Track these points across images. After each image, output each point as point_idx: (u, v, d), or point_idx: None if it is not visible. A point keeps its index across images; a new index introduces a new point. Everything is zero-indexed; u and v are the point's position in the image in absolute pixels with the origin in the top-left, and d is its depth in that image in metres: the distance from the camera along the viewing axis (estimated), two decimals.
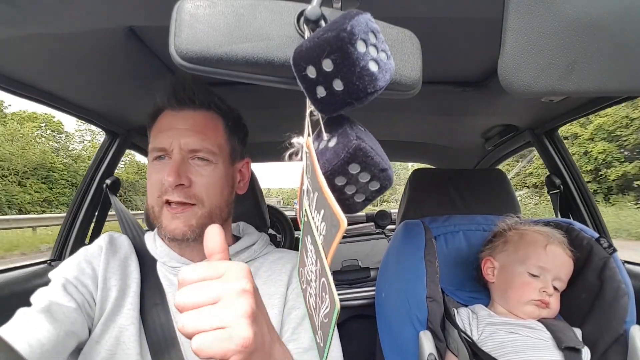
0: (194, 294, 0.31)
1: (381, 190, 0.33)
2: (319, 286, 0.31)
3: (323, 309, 0.30)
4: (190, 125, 0.58)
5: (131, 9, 0.55)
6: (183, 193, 0.56)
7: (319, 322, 0.32)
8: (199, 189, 0.57)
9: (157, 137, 0.58)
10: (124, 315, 0.56)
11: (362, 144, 0.30)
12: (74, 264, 0.58)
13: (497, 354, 0.68)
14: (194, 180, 0.57)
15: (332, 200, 0.27)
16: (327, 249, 0.28)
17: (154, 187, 0.57)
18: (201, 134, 0.58)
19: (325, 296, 0.29)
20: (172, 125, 0.58)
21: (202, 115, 0.60)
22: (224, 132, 0.62)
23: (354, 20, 0.26)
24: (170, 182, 0.54)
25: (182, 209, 0.56)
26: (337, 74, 0.27)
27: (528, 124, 1.14)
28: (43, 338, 0.46)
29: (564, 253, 0.76)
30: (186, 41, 0.30)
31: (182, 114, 0.59)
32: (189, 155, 0.57)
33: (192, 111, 0.59)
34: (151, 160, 0.59)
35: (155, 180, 0.57)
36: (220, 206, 0.60)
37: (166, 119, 0.59)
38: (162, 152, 0.58)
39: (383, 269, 0.90)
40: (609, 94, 0.33)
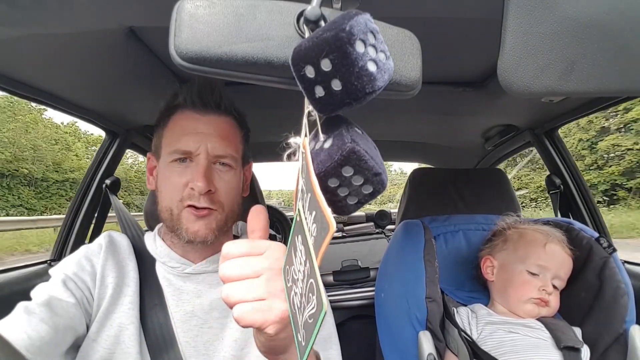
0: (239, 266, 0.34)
1: (374, 194, 0.33)
2: (306, 286, 0.31)
3: (309, 309, 0.30)
4: (216, 130, 0.58)
5: (131, 9, 0.55)
6: (209, 199, 0.56)
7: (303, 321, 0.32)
8: (222, 195, 0.58)
9: (180, 139, 0.57)
10: (123, 314, 0.56)
11: (356, 147, 0.30)
12: (74, 261, 0.59)
13: (496, 353, 0.68)
14: (217, 186, 0.57)
15: (323, 202, 0.27)
16: (317, 251, 0.28)
17: (176, 190, 0.57)
18: (226, 140, 0.58)
19: (312, 297, 0.29)
20: (198, 129, 0.57)
21: (226, 121, 0.60)
22: (242, 139, 0.63)
23: (352, 21, 0.26)
24: (201, 188, 0.54)
25: (207, 213, 0.57)
26: (336, 74, 0.27)
27: (528, 124, 1.14)
28: (42, 331, 0.47)
29: (563, 252, 0.76)
30: (186, 41, 0.30)
31: (207, 118, 0.58)
32: (213, 160, 0.58)
33: (217, 116, 0.59)
34: (170, 161, 0.58)
35: (177, 183, 0.57)
36: (234, 210, 0.61)
37: (189, 122, 0.58)
38: (186, 155, 0.57)
39: (382, 269, 0.90)
40: (609, 94, 0.33)
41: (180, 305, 0.59)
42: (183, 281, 0.60)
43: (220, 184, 0.58)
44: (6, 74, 0.72)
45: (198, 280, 0.60)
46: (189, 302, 0.59)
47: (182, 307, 0.59)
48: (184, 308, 0.59)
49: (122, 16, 0.57)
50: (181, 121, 0.59)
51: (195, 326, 0.58)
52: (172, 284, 0.60)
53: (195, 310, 0.59)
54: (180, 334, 0.57)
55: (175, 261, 0.61)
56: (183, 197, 0.56)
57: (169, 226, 0.59)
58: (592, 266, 0.76)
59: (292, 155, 0.34)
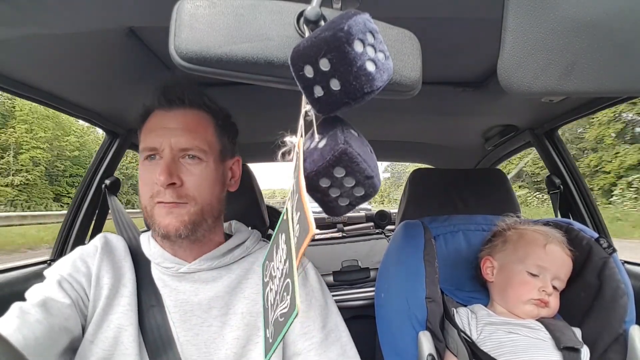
0: None
1: (366, 197, 0.33)
2: (282, 285, 0.31)
3: (281, 307, 0.30)
4: (181, 124, 0.58)
5: (131, 9, 0.55)
6: (175, 193, 0.56)
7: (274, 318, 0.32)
8: (190, 188, 0.57)
9: (147, 137, 0.58)
10: (120, 316, 0.56)
11: (348, 149, 0.30)
12: (69, 262, 0.59)
13: (496, 354, 0.68)
14: (185, 179, 0.57)
15: (307, 204, 0.27)
16: (297, 251, 0.28)
17: (147, 187, 0.58)
18: (192, 133, 0.58)
19: (286, 297, 0.29)
20: (163, 125, 0.58)
21: (192, 115, 0.60)
22: (214, 130, 0.62)
23: (351, 20, 0.26)
24: (162, 181, 0.54)
25: (175, 205, 0.56)
26: (334, 74, 0.27)
27: (528, 124, 1.14)
28: (37, 331, 0.47)
29: (563, 252, 0.76)
30: (186, 41, 0.30)
31: (172, 114, 0.59)
32: (179, 154, 0.57)
33: (182, 110, 0.59)
34: (142, 160, 0.59)
35: (147, 180, 0.57)
36: (211, 203, 0.60)
37: (156, 119, 0.59)
38: (152, 151, 0.58)
39: (382, 269, 0.90)
40: (609, 94, 0.33)
41: (178, 305, 0.59)
42: (179, 281, 0.60)
43: (188, 177, 0.57)
44: (6, 74, 0.72)
45: (194, 279, 0.60)
46: (186, 302, 0.59)
47: (181, 307, 0.59)
48: (183, 308, 0.59)
49: (122, 16, 0.57)
50: (150, 120, 0.60)
51: (195, 325, 0.58)
52: (167, 284, 0.60)
53: (194, 309, 0.59)
54: (181, 334, 0.57)
55: (169, 261, 0.61)
56: (153, 194, 0.57)
57: (148, 224, 0.60)
58: (592, 266, 0.76)
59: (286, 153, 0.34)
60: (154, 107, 0.60)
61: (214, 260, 0.61)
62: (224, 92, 0.92)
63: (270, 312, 0.33)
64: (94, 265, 0.59)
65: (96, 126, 1.04)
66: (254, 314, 0.60)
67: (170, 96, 0.59)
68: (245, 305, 0.60)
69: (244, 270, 0.63)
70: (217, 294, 0.60)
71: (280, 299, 0.31)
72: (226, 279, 0.61)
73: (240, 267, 0.64)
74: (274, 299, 0.33)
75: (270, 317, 0.33)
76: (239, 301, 0.60)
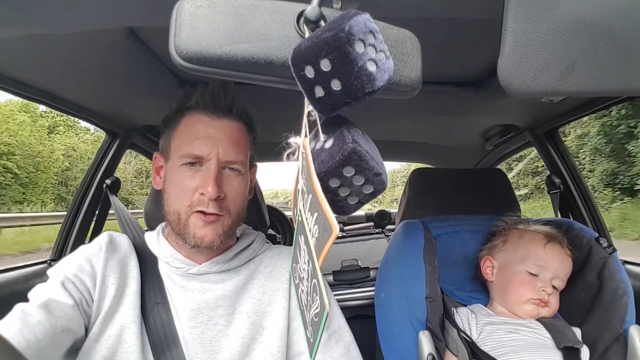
0: None
1: (375, 194, 0.33)
2: (310, 285, 0.31)
3: (314, 308, 0.31)
4: (227, 135, 0.58)
5: (131, 9, 0.55)
6: (218, 205, 0.56)
7: (310, 318, 0.32)
8: (230, 201, 0.58)
9: (192, 143, 0.56)
10: (124, 314, 0.56)
11: (357, 148, 0.30)
12: (73, 261, 0.58)
13: (496, 354, 0.68)
14: (226, 192, 0.57)
15: (326, 205, 0.27)
16: (319, 252, 0.28)
17: (185, 195, 0.56)
18: (237, 146, 0.58)
19: (316, 297, 0.30)
20: (209, 133, 0.57)
21: (237, 127, 0.60)
22: (251, 144, 0.63)
23: (352, 21, 0.26)
24: (212, 193, 0.54)
25: (215, 219, 0.57)
26: (335, 74, 0.27)
27: (528, 124, 1.14)
28: (39, 333, 0.47)
29: (563, 252, 0.76)
30: (186, 41, 0.30)
31: (219, 123, 0.58)
32: (223, 165, 0.57)
33: (229, 121, 0.59)
34: (180, 164, 0.57)
35: (187, 187, 0.56)
36: (240, 215, 0.61)
37: (201, 126, 0.57)
38: (197, 159, 0.56)
39: (382, 269, 0.90)
40: (609, 94, 0.33)
41: (185, 302, 0.59)
42: (187, 280, 0.60)
43: (229, 190, 0.58)
44: (6, 74, 0.72)
45: (202, 280, 0.61)
46: (193, 300, 0.59)
47: (188, 304, 0.59)
48: (189, 305, 0.59)
49: (122, 16, 0.57)
50: (192, 124, 0.58)
51: (201, 323, 0.58)
52: (176, 282, 0.60)
53: (201, 307, 0.59)
54: (187, 331, 0.57)
55: (180, 262, 0.61)
56: (192, 202, 0.56)
57: (176, 229, 0.59)
58: (592, 266, 0.76)
59: (291, 155, 0.34)
60: (194, 110, 0.58)
61: (224, 264, 0.62)
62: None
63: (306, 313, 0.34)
64: (99, 264, 0.58)
65: (96, 126, 1.04)
66: (259, 314, 0.60)
67: (220, 104, 0.58)
68: (251, 305, 0.60)
69: (250, 271, 0.64)
70: (225, 294, 0.60)
71: (312, 300, 0.31)
72: (234, 280, 0.62)
73: (247, 268, 0.64)
74: (307, 300, 0.33)
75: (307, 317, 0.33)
76: (245, 301, 0.61)
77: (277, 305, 0.61)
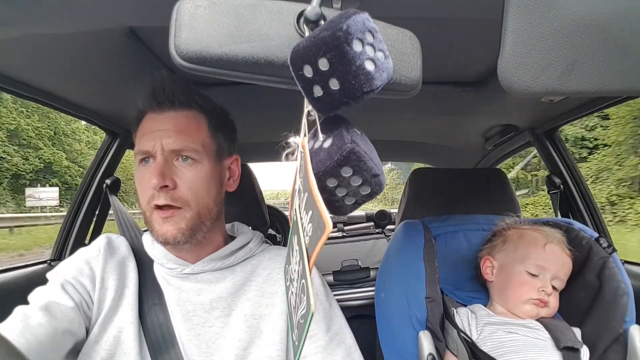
0: None
1: (371, 195, 0.33)
2: (299, 287, 0.31)
3: (300, 309, 0.30)
4: (172, 125, 0.57)
5: (131, 9, 0.55)
6: (169, 196, 0.55)
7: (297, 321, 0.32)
8: (184, 190, 0.56)
9: (140, 141, 0.58)
10: (122, 315, 0.56)
11: (356, 148, 0.30)
12: (72, 264, 0.58)
13: (496, 354, 0.68)
14: (178, 182, 0.56)
15: (320, 202, 0.27)
16: (312, 250, 0.28)
17: (143, 192, 0.57)
18: (183, 134, 0.57)
19: (303, 298, 0.29)
20: (154, 127, 0.57)
21: (184, 115, 0.59)
22: (208, 130, 0.61)
23: (350, 20, 0.26)
24: (155, 184, 0.54)
25: (171, 213, 0.56)
26: (333, 73, 0.27)
27: (528, 124, 1.14)
28: (40, 335, 0.47)
29: (563, 252, 0.76)
30: (186, 41, 0.30)
31: (164, 116, 0.58)
32: (172, 155, 0.57)
33: (174, 112, 0.59)
34: (137, 163, 0.59)
35: (142, 184, 0.57)
36: (208, 206, 0.59)
37: (148, 122, 0.59)
38: (145, 154, 0.57)
39: (382, 269, 0.90)
40: (609, 94, 0.33)
41: (181, 304, 0.59)
42: (182, 281, 0.60)
43: (182, 180, 0.57)
44: (6, 74, 0.72)
45: (197, 280, 0.60)
46: (189, 301, 0.59)
47: (183, 306, 0.59)
48: (185, 307, 0.59)
49: (122, 16, 0.57)
50: (143, 124, 0.59)
51: (197, 325, 0.58)
52: (171, 284, 0.60)
53: (197, 309, 0.59)
54: (183, 333, 0.57)
55: (173, 262, 0.61)
56: (149, 197, 0.56)
57: (148, 228, 0.59)
58: (592, 266, 0.76)
59: (290, 154, 0.34)
60: (145, 110, 0.60)
61: (218, 262, 0.61)
62: (224, 92, 0.92)
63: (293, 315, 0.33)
64: (98, 267, 0.58)
65: (96, 126, 1.04)
66: (257, 317, 0.59)
67: (160, 98, 0.58)
68: (248, 308, 0.60)
69: (248, 272, 0.63)
70: (220, 295, 0.60)
71: (299, 301, 0.31)
72: (229, 281, 0.61)
73: (243, 269, 0.63)
74: (295, 302, 0.33)
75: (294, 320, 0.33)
76: (242, 303, 0.60)
77: (276, 309, 0.60)
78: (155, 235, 0.57)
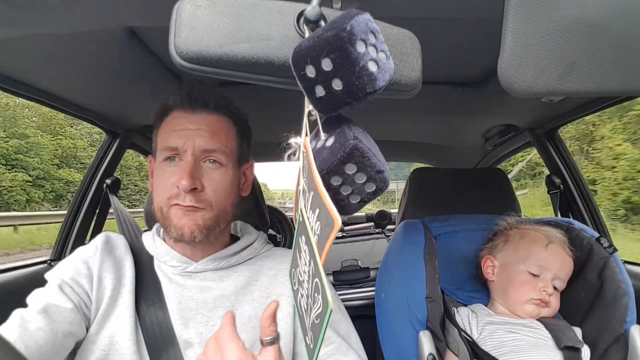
0: None
1: (377, 193, 0.33)
2: (311, 287, 0.31)
3: (315, 309, 0.30)
4: (205, 126, 0.58)
5: (131, 9, 0.55)
6: (195, 198, 0.56)
7: (310, 323, 0.32)
8: (209, 193, 0.57)
9: (169, 137, 0.58)
10: (118, 315, 0.56)
11: (359, 144, 0.30)
12: (70, 264, 0.58)
13: (497, 354, 0.68)
14: (205, 184, 0.57)
15: (327, 199, 0.27)
16: (321, 248, 0.28)
17: (165, 189, 0.57)
18: (215, 135, 0.58)
19: (317, 297, 0.29)
20: (185, 126, 0.58)
21: (216, 119, 0.60)
22: (235, 135, 0.62)
23: (353, 20, 0.26)
24: (185, 186, 0.54)
25: (193, 208, 0.56)
26: (337, 74, 0.27)
27: (528, 124, 1.14)
28: (40, 339, 0.46)
29: (564, 252, 0.76)
30: (186, 41, 0.30)
31: (196, 116, 0.59)
32: (201, 156, 0.57)
33: (206, 114, 0.59)
34: (161, 160, 0.59)
35: (166, 181, 0.57)
36: (226, 209, 0.60)
37: (178, 120, 0.59)
38: (174, 152, 0.57)
39: (383, 269, 0.90)
40: (609, 94, 0.33)
41: (183, 302, 0.58)
42: (185, 279, 0.60)
43: (208, 182, 0.57)
44: (6, 74, 0.72)
45: (200, 278, 0.60)
46: (192, 299, 0.59)
47: (185, 304, 0.58)
48: (188, 305, 0.58)
49: (122, 16, 0.57)
50: (171, 121, 0.59)
51: (199, 324, 0.57)
52: (173, 281, 0.60)
53: (199, 307, 0.58)
54: (184, 332, 0.57)
55: (176, 260, 0.61)
56: (171, 195, 0.56)
57: (161, 224, 0.59)
58: (593, 266, 0.76)
59: (292, 155, 0.34)
60: (173, 107, 0.60)
61: (222, 261, 0.61)
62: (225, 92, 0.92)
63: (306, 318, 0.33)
64: (95, 266, 0.58)
65: (96, 126, 1.04)
66: None
67: (195, 98, 0.59)
68: (253, 308, 0.59)
69: (252, 272, 0.63)
70: (224, 294, 0.59)
71: (313, 301, 0.30)
72: (233, 280, 0.61)
73: (247, 269, 0.63)
74: (307, 304, 0.32)
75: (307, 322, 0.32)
76: (246, 303, 0.60)
77: (282, 311, 0.60)
78: (172, 229, 0.57)
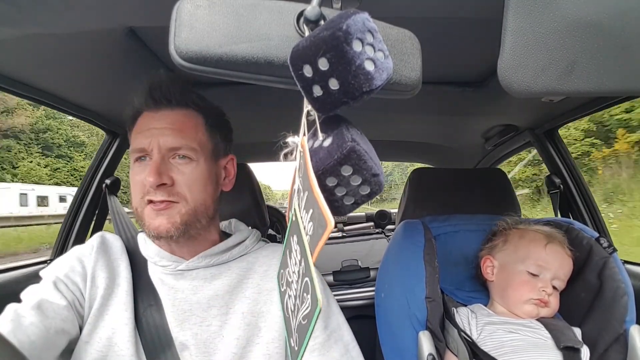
0: None
1: (371, 195, 0.33)
2: (300, 287, 0.31)
3: (303, 309, 0.30)
4: (168, 124, 0.58)
5: (131, 9, 0.55)
6: (166, 192, 0.56)
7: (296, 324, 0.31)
8: (181, 187, 0.57)
9: (136, 139, 0.58)
10: (115, 316, 0.56)
11: (356, 147, 0.30)
12: (65, 262, 0.58)
13: (496, 354, 0.68)
14: (175, 178, 0.57)
15: (322, 199, 0.27)
16: (313, 248, 0.28)
17: (137, 189, 0.57)
18: (180, 132, 0.57)
19: (306, 296, 0.29)
20: (150, 126, 0.58)
21: (181, 114, 0.59)
22: (205, 129, 0.61)
23: (350, 20, 0.26)
24: (152, 182, 0.54)
25: (165, 206, 0.56)
26: (333, 73, 0.27)
27: (528, 124, 1.14)
28: (32, 335, 0.46)
29: (563, 252, 0.76)
30: (186, 41, 0.30)
31: (160, 114, 0.58)
32: (169, 154, 0.57)
33: (170, 110, 0.59)
34: (133, 162, 0.59)
35: (137, 181, 0.57)
36: (205, 203, 0.60)
37: (144, 120, 0.59)
38: (141, 152, 0.57)
39: (382, 269, 0.90)
40: (609, 94, 0.33)
41: (176, 304, 0.58)
42: (176, 279, 0.60)
43: (179, 176, 0.57)
44: (6, 74, 0.72)
45: (192, 277, 0.60)
46: (185, 301, 0.58)
47: (179, 306, 0.58)
48: (181, 307, 0.58)
49: (122, 16, 0.57)
50: (140, 122, 0.60)
51: (194, 325, 0.57)
52: (165, 283, 0.60)
53: (193, 308, 0.58)
54: (180, 333, 0.57)
55: (167, 259, 0.60)
56: (143, 194, 0.56)
57: (140, 225, 0.59)
58: (592, 266, 0.76)
59: (289, 154, 0.34)
60: (142, 109, 0.60)
61: (212, 258, 0.61)
62: (224, 92, 0.92)
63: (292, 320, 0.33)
64: (89, 264, 0.58)
65: (96, 126, 1.04)
66: (255, 314, 0.59)
67: (156, 96, 0.58)
68: (246, 305, 0.59)
69: (244, 270, 0.63)
70: (217, 293, 0.59)
71: (301, 302, 0.30)
72: (226, 278, 0.61)
73: (239, 266, 0.63)
74: (294, 305, 0.32)
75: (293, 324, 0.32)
76: (240, 301, 0.60)
77: (274, 306, 0.60)
78: (148, 230, 0.57)
